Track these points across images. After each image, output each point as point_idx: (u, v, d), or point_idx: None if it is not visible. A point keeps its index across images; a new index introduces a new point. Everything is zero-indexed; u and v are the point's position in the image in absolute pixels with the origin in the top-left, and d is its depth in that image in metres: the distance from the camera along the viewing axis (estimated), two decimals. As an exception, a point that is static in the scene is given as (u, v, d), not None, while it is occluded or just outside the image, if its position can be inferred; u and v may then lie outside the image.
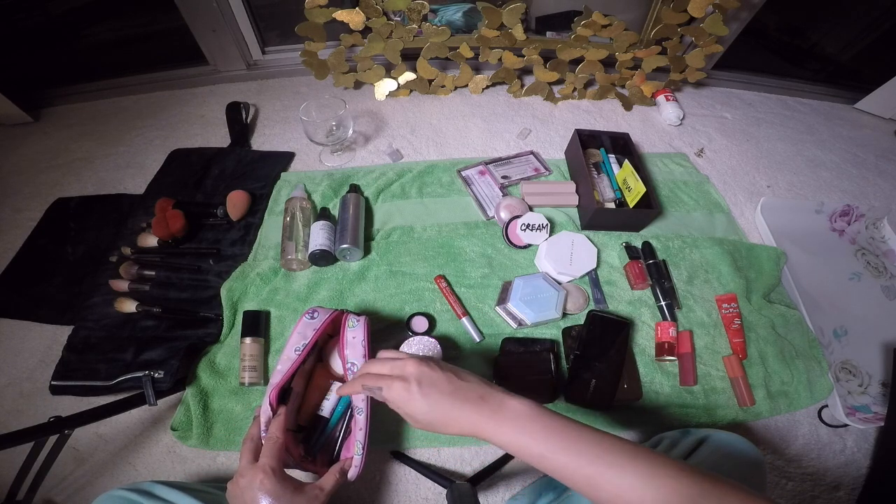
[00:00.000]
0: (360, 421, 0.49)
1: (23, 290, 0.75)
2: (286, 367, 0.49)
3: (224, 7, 0.97)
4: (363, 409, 0.49)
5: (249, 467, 0.41)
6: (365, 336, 0.52)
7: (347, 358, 0.51)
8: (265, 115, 1.03)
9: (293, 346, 0.51)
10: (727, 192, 0.95)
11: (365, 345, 0.52)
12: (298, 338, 0.52)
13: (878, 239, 0.90)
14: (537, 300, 0.65)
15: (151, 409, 0.63)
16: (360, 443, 0.48)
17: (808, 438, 0.66)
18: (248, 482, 0.40)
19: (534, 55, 1.00)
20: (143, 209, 0.82)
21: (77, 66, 1.15)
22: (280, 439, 0.43)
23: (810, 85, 1.25)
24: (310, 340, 0.51)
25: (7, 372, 0.67)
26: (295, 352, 0.50)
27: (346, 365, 0.51)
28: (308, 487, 0.42)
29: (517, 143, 0.99)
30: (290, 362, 0.49)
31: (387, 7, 0.88)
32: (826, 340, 0.75)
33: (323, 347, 0.59)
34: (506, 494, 0.59)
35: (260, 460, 0.41)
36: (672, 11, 0.91)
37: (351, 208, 0.76)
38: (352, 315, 0.55)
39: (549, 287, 0.67)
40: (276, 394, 0.47)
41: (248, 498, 0.39)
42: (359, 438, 0.48)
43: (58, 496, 0.58)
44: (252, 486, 0.39)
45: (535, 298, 0.65)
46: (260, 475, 0.40)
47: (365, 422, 0.49)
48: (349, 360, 0.51)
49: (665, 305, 0.72)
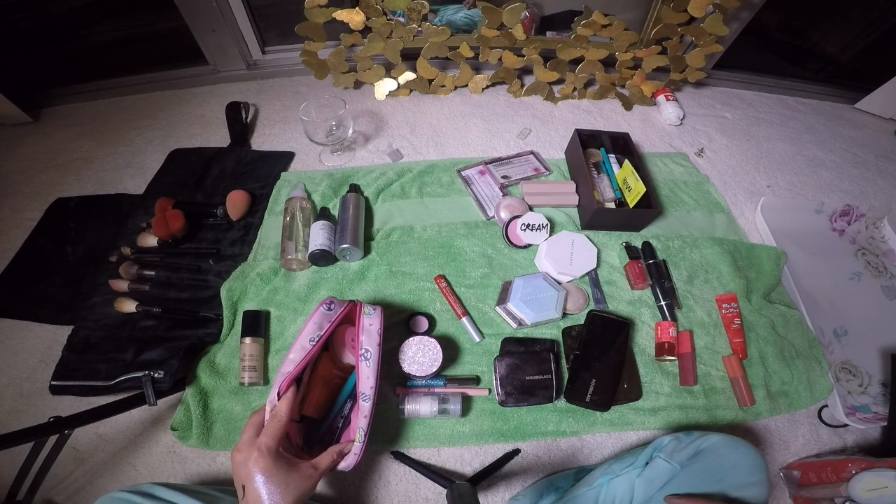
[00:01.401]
0: (364, 408, 0.48)
1: (23, 290, 0.74)
2: (300, 356, 0.48)
3: (224, 7, 0.97)
4: (370, 395, 0.49)
5: (248, 443, 0.42)
6: (380, 325, 0.53)
7: (363, 344, 0.51)
8: (265, 115, 1.03)
9: (308, 336, 0.50)
10: (727, 191, 0.95)
11: (380, 333, 0.52)
12: (314, 328, 0.51)
13: (878, 239, 0.90)
14: (537, 300, 0.65)
15: (151, 409, 0.63)
16: (361, 429, 0.47)
17: (808, 438, 0.66)
18: (244, 458, 0.41)
19: (534, 55, 1.00)
20: (143, 209, 0.82)
21: (77, 66, 1.14)
22: (285, 418, 0.44)
23: (810, 85, 1.25)
24: (325, 331, 0.51)
25: (7, 372, 0.67)
26: (310, 342, 0.50)
27: (360, 351, 0.51)
28: (303, 466, 0.43)
29: (517, 143, 0.99)
30: (304, 352, 0.49)
31: (387, 7, 0.88)
32: (826, 340, 0.75)
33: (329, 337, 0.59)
34: (506, 494, 0.59)
35: (259, 437, 0.42)
36: (672, 11, 0.91)
37: (351, 208, 0.76)
38: (367, 304, 0.55)
39: (549, 287, 0.67)
40: (287, 383, 0.46)
41: (242, 473, 0.40)
42: (361, 425, 0.47)
43: (58, 496, 0.58)
44: (247, 462, 0.40)
45: (535, 298, 0.65)
46: (255, 453, 0.41)
47: (370, 409, 0.48)
48: (364, 346, 0.51)
49: (665, 305, 0.72)
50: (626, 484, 0.50)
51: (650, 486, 0.49)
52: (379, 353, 0.51)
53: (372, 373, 0.50)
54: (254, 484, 0.39)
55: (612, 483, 0.52)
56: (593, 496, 0.52)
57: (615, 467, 0.53)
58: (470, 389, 0.63)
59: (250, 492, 0.39)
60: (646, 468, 0.50)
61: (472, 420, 0.63)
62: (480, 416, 0.63)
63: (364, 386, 0.49)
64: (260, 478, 0.39)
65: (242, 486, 0.40)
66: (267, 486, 0.39)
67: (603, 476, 0.53)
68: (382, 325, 0.53)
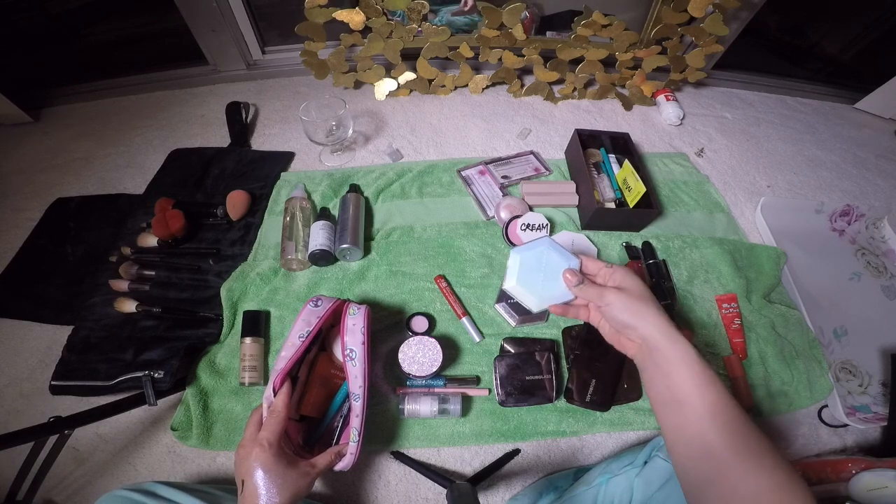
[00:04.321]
0: (356, 408, 0.49)
1: (23, 290, 0.74)
2: (290, 353, 0.49)
3: (224, 7, 0.97)
4: (360, 395, 0.49)
5: (250, 439, 0.43)
6: (365, 324, 0.53)
7: (347, 344, 0.52)
8: (265, 115, 1.03)
9: (297, 333, 0.51)
10: (727, 191, 0.95)
11: (364, 332, 0.52)
12: (303, 325, 0.52)
13: (878, 239, 0.90)
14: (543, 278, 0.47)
15: (151, 409, 0.62)
16: (356, 429, 0.48)
17: (808, 438, 0.66)
18: (246, 453, 0.42)
19: (534, 55, 1.00)
20: (143, 209, 0.82)
21: (77, 66, 1.14)
22: (283, 413, 0.44)
23: (810, 85, 1.25)
24: (314, 327, 0.52)
25: (7, 372, 0.67)
26: (299, 338, 0.51)
27: (345, 352, 0.52)
28: (301, 463, 0.44)
29: (517, 143, 0.99)
30: (294, 348, 0.50)
31: (387, 7, 0.88)
32: (826, 340, 0.75)
33: (326, 337, 0.60)
34: (506, 494, 0.59)
35: (260, 433, 0.43)
36: (672, 11, 0.91)
37: (351, 208, 0.76)
38: (353, 303, 0.55)
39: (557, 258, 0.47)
40: (280, 379, 0.47)
41: (243, 469, 0.41)
42: (355, 426, 0.48)
43: (58, 496, 0.58)
44: (248, 457, 0.41)
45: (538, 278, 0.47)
46: (256, 448, 0.41)
47: (361, 408, 0.49)
48: (348, 346, 0.52)
49: (665, 305, 0.72)
50: (625, 483, 0.50)
51: (649, 485, 0.49)
52: (365, 353, 0.52)
53: (359, 372, 0.50)
54: (253, 479, 0.40)
55: (610, 482, 0.52)
56: (592, 495, 0.52)
57: (613, 466, 0.53)
58: (470, 389, 0.63)
59: (248, 486, 0.40)
60: (644, 467, 0.50)
61: (472, 420, 0.63)
62: (480, 416, 0.63)
63: (353, 385, 0.50)
64: (259, 473, 0.40)
65: (242, 481, 0.41)
66: (265, 482, 0.40)
67: (601, 475, 0.53)
68: (367, 323, 0.53)
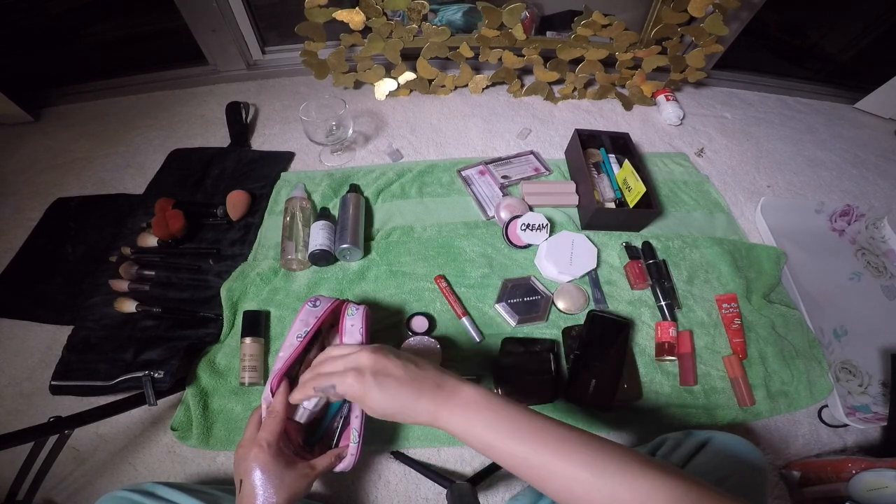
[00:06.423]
0: (356, 408, 0.48)
1: (23, 290, 0.74)
2: (288, 353, 0.49)
3: (224, 7, 0.97)
4: None
5: (250, 439, 0.43)
6: (363, 325, 0.52)
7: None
8: (265, 115, 1.03)
9: (295, 333, 0.51)
10: (727, 191, 0.95)
11: (363, 332, 0.51)
12: (300, 325, 0.51)
13: (878, 239, 0.90)
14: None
15: (151, 409, 0.62)
16: (355, 430, 0.47)
17: (808, 438, 0.66)
18: (244, 453, 0.42)
19: (534, 55, 1.00)
20: (143, 209, 0.82)
21: (77, 66, 1.14)
22: (281, 414, 0.44)
23: (810, 85, 1.25)
24: (312, 327, 0.51)
25: (7, 372, 0.67)
26: (297, 338, 0.50)
27: None
28: (300, 464, 0.43)
29: (517, 143, 0.99)
30: (291, 349, 0.49)
31: (387, 7, 0.88)
32: (826, 340, 0.75)
33: (326, 337, 0.59)
34: (506, 494, 0.59)
35: (259, 434, 0.43)
36: (672, 11, 0.91)
37: (351, 208, 0.76)
38: (352, 304, 0.55)
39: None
40: (277, 380, 0.47)
41: (241, 468, 0.41)
42: (355, 426, 0.48)
43: (58, 496, 0.58)
44: (247, 457, 0.41)
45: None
46: (255, 449, 0.41)
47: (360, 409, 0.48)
48: None
49: (665, 305, 0.72)
50: None
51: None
52: None
53: None
54: (251, 479, 0.40)
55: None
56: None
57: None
58: (470, 389, 0.63)
59: (246, 486, 0.40)
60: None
61: (472, 420, 0.62)
62: (480, 416, 0.63)
63: None
64: (257, 473, 0.40)
65: (240, 481, 0.41)
66: (262, 482, 0.40)
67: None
68: (365, 324, 0.52)
